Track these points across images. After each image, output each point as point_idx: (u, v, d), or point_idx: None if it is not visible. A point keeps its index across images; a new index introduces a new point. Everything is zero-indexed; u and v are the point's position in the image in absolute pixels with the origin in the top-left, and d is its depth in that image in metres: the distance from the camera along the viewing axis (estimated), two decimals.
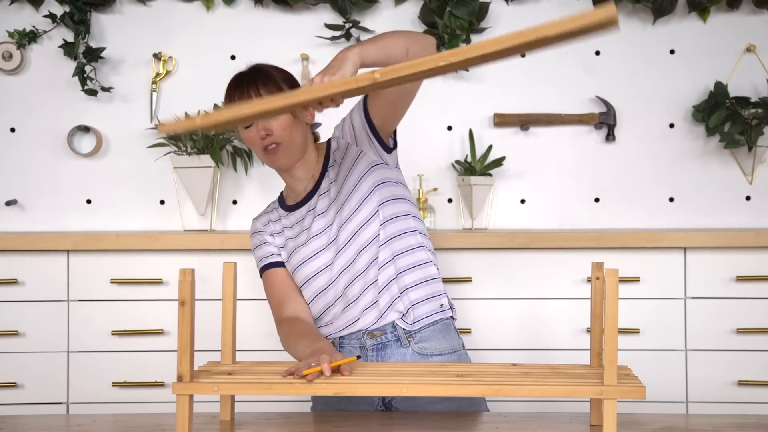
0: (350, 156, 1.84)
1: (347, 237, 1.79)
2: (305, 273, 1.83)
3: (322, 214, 1.84)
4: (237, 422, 1.53)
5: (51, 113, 2.85)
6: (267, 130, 1.77)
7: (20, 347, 2.46)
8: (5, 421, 1.58)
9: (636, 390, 1.33)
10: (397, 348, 1.77)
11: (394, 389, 1.36)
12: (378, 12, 2.83)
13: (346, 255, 1.79)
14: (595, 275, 1.49)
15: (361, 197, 1.80)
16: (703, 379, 2.43)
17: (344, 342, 1.81)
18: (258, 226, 1.93)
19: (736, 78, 2.80)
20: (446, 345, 1.80)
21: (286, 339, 1.79)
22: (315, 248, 1.82)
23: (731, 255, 2.44)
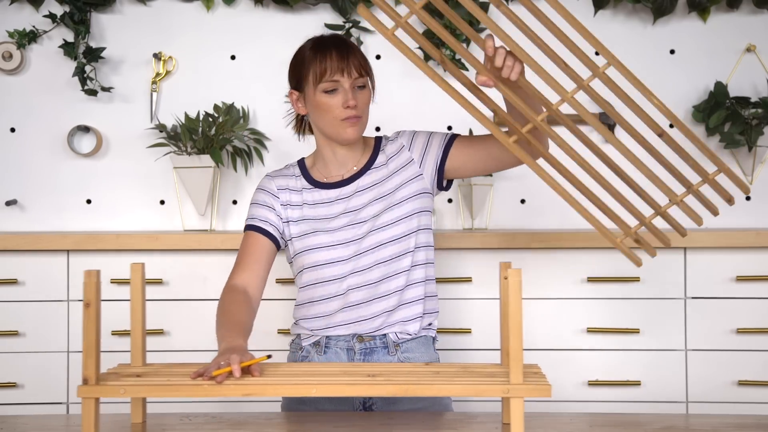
0: (408, 172, 1.85)
1: (372, 245, 1.80)
2: (316, 259, 1.81)
3: (355, 210, 1.82)
4: (237, 422, 1.53)
5: (51, 113, 2.86)
6: (356, 100, 1.79)
7: (20, 347, 2.46)
8: (5, 421, 1.57)
9: (541, 388, 1.33)
10: (384, 355, 1.80)
11: (303, 389, 1.36)
12: (378, 12, 2.83)
13: (363, 260, 1.79)
14: (503, 275, 1.49)
15: (401, 215, 1.81)
16: (703, 379, 2.43)
17: (331, 342, 1.82)
18: (271, 187, 1.90)
19: (736, 78, 2.80)
20: (426, 358, 1.83)
21: (220, 310, 1.77)
22: (337, 239, 1.81)
23: (731, 255, 2.44)
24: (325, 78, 1.78)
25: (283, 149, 2.85)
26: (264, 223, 1.86)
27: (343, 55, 1.79)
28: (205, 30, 2.87)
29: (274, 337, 2.46)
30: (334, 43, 1.82)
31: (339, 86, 1.79)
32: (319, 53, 1.80)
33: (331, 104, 1.79)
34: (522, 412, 1.33)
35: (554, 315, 2.45)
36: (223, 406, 2.43)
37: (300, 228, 1.85)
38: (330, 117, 1.80)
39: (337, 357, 1.81)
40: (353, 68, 1.79)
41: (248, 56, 2.87)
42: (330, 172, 1.89)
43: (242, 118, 2.79)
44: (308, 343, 1.84)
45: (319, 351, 1.83)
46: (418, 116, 2.85)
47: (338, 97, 1.79)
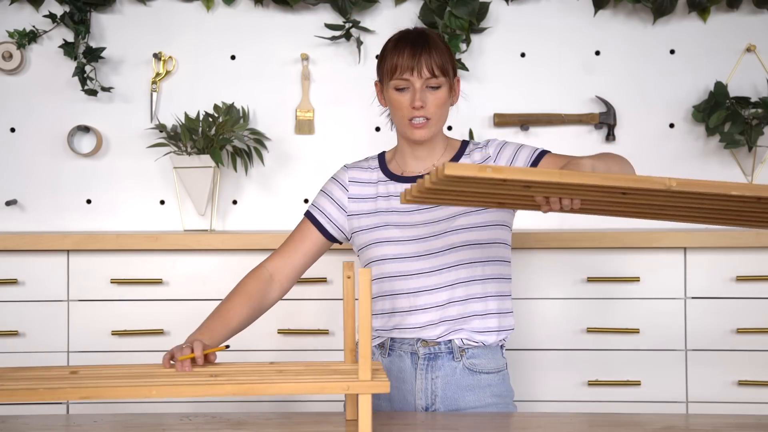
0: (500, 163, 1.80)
1: (445, 246, 1.76)
2: (384, 252, 1.78)
3: (430, 208, 1.79)
4: (237, 422, 1.53)
5: (51, 113, 2.85)
6: (423, 102, 1.74)
7: (20, 347, 2.46)
8: (5, 421, 1.58)
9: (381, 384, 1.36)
10: (449, 361, 1.76)
11: (142, 391, 1.35)
12: (378, 12, 2.83)
13: (434, 261, 1.76)
14: (346, 274, 1.49)
15: (478, 222, 1.77)
16: (703, 379, 2.43)
17: (395, 345, 1.79)
18: (343, 179, 1.88)
19: (736, 78, 2.80)
20: (494, 365, 1.80)
21: (231, 294, 1.79)
22: (408, 235, 1.78)
23: (731, 255, 2.44)
24: (395, 75, 1.75)
25: (283, 149, 2.85)
26: (321, 215, 1.86)
27: (416, 54, 1.73)
28: (205, 30, 2.87)
29: (275, 337, 2.46)
30: (412, 39, 1.76)
31: (409, 85, 1.74)
32: (396, 48, 1.76)
33: (401, 102, 1.76)
34: (369, 408, 1.35)
35: (554, 315, 2.45)
36: (223, 406, 2.43)
37: (371, 220, 1.81)
38: (399, 115, 1.78)
39: (401, 361, 1.78)
40: (425, 68, 1.73)
41: (248, 56, 2.87)
42: (408, 167, 1.85)
43: (242, 118, 2.79)
44: (374, 344, 1.82)
45: (384, 353, 1.80)
46: None
47: (407, 96, 1.75)
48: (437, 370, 1.76)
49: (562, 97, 2.84)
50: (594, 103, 2.85)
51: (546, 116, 2.83)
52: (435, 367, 1.76)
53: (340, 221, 1.86)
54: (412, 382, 1.77)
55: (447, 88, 1.77)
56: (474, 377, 1.77)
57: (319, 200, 1.88)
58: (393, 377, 1.78)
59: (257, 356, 2.44)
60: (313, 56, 2.85)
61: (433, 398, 1.76)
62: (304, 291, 2.46)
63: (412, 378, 1.77)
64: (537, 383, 2.45)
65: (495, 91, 2.85)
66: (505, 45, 2.85)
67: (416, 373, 1.77)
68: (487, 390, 1.78)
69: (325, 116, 2.86)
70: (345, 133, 2.86)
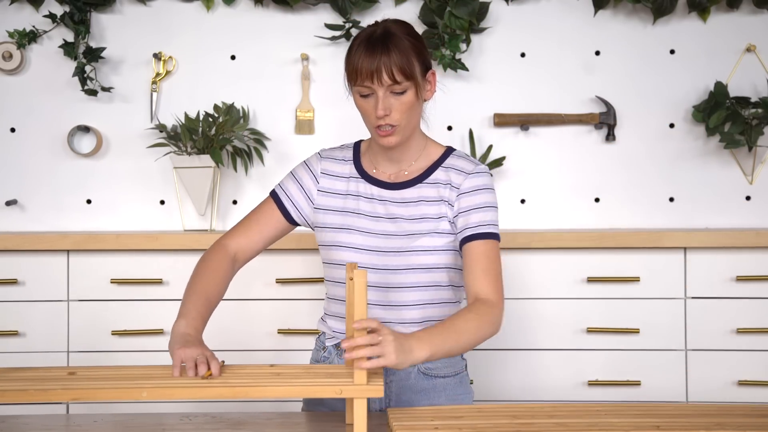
0: (449, 211, 1.73)
1: (402, 265, 1.71)
2: (343, 257, 1.73)
3: (395, 219, 1.73)
4: (237, 422, 1.53)
5: (51, 113, 2.85)
6: (386, 110, 1.65)
7: (20, 347, 2.46)
8: (5, 421, 1.57)
9: (375, 389, 1.36)
10: None
11: (133, 393, 1.35)
12: (378, 12, 2.83)
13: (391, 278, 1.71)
14: (349, 276, 1.48)
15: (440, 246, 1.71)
16: (703, 379, 2.43)
17: None
18: (315, 168, 1.81)
19: (736, 78, 2.80)
20: (451, 369, 1.78)
21: (199, 269, 1.73)
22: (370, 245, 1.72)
23: (731, 255, 2.44)
24: (357, 81, 1.66)
25: (283, 149, 2.85)
26: (288, 199, 1.80)
27: (375, 59, 1.63)
28: (205, 30, 2.86)
29: (275, 338, 2.46)
30: (372, 41, 1.66)
31: (372, 91, 1.66)
32: (357, 52, 1.66)
33: (365, 109, 1.69)
34: (364, 411, 1.35)
35: (554, 315, 2.45)
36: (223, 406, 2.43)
37: (336, 219, 1.76)
38: (366, 121, 1.71)
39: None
40: (384, 74, 1.63)
41: (248, 56, 2.87)
42: (380, 166, 1.78)
43: (242, 118, 2.79)
44: (331, 344, 1.80)
45: (340, 354, 1.77)
46: None
47: (371, 103, 1.67)
48: (391, 374, 1.73)
49: (562, 97, 2.84)
50: (594, 103, 2.85)
51: (546, 116, 2.83)
52: (389, 371, 1.72)
53: (306, 211, 1.80)
54: None
55: (414, 91, 1.67)
56: (429, 381, 1.75)
57: (287, 184, 1.82)
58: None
59: (257, 356, 2.45)
60: (313, 56, 2.85)
61: (387, 401, 1.74)
62: (304, 291, 2.46)
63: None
64: (537, 383, 2.45)
65: (495, 91, 2.85)
66: (505, 45, 2.85)
67: None
68: (442, 394, 1.75)
69: (325, 116, 2.86)
70: (345, 133, 2.85)
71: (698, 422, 1.39)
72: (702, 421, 1.40)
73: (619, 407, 1.53)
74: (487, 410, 1.49)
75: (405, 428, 1.36)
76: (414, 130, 1.74)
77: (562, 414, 1.45)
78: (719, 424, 1.37)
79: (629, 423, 1.39)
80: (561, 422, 1.39)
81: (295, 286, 2.46)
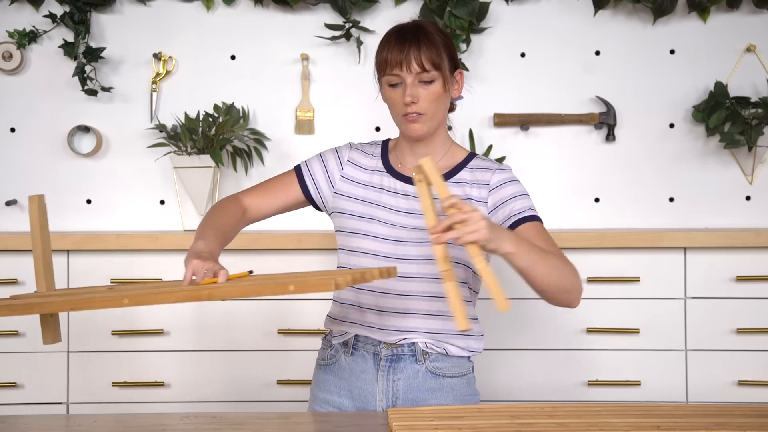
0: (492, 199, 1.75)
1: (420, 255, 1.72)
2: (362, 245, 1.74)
3: (417, 214, 1.74)
4: (237, 422, 1.53)
5: (51, 113, 2.85)
6: (413, 97, 1.68)
7: (20, 347, 2.46)
8: (5, 421, 1.58)
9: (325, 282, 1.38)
10: (411, 363, 1.74)
11: (115, 301, 1.41)
12: (378, 12, 2.83)
13: (408, 268, 1.72)
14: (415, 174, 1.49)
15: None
16: (703, 379, 2.43)
17: (359, 345, 1.77)
18: (343, 156, 1.84)
19: (736, 78, 2.80)
20: (458, 370, 1.78)
21: (212, 210, 1.76)
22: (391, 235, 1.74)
23: (731, 255, 2.44)
24: (386, 71, 1.71)
25: (283, 149, 2.85)
26: (310, 178, 1.83)
27: (405, 48, 1.68)
28: (205, 30, 2.86)
29: (275, 338, 2.46)
30: (403, 32, 1.72)
31: (401, 80, 1.70)
32: (387, 43, 1.72)
33: (394, 98, 1.72)
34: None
35: (555, 315, 2.45)
36: (223, 406, 2.43)
37: (358, 208, 1.78)
38: (394, 111, 1.74)
39: (364, 360, 1.75)
40: (413, 62, 1.68)
41: (248, 56, 2.87)
42: (406, 162, 1.80)
43: (242, 118, 2.79)
44: (339, 341, 1.80)
45: (347, 351, 1.78)
46: None
47: (400, 92, 1.71)
48: (399, 372, 1.73)
49: (562, 97, 2.84)
50: (594, 103, 2.85)
51: (546, 116, 2.83)
52: (397, 369, 1.73)
53: (325, 192, 1.82)
54: (373, 383, 1.74)
55: (441, 82, 1.71)
56: (437, 380, 1.75)
57: (312, 163, 1.85)
58: (355, 377, 1.76)
59: (257, 356, 2.45)
60: (313, 56, 2.85)
61: (394, 400, 1.74)
62: None
63: (373, 379, 1.74)
64: (537, 383, 2.45)
65: (495, 91, 2.85)
66: (505, 45, 2.85)
67: (377, 374, 1.74)
68: (450, 394, 1.75)
69: (325, 116, 2.86)
70: (345, 133, 2.86)
71: (698, 422, 1.39)
72: (702, 421, 1.40)
73: (619, 407, 1.53)
74: (487, 410, 1.49)
75: (405, 428, 1.36)
76: (440, 123, 1.78)
77: (562, 414, 1.45)
78: (719, 424, 1.37)
79: (629, 423, 1.39)
80: (561, 422, 1.39)
81: None
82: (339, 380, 1.78)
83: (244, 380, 2.45)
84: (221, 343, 2.46)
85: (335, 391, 1.78)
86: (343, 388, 1.77)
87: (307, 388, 2.46)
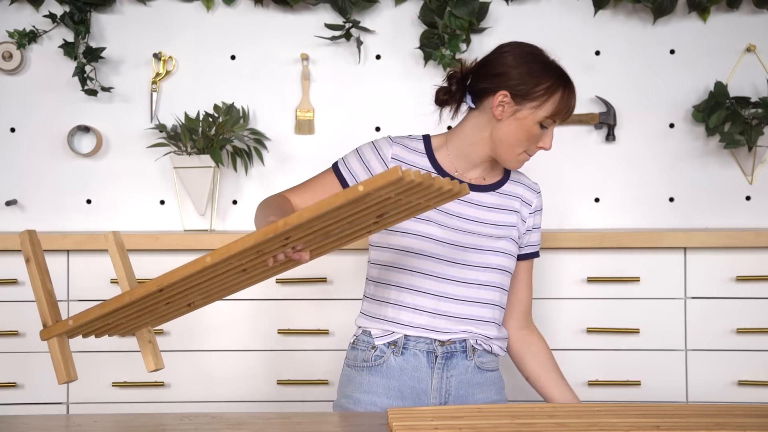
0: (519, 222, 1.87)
1: (478, 263, 1.79)
2: (415, 245, 1.76)
3: (471, 221, 1.80)
4: (237, 422, 1.53)
5: (51, 113, 2.85)
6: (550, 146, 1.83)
7: (20, 347, 2.46)
8: (5, 421, 1.58)
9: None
10: (463, 359, 1.78)
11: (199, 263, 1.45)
12: (378, 12, 2.83)
13: (465, 273, 1.78)
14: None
15: (509, 250, 1.83)
16: (703, 379, 2.43)
17: (409, 344, 1.77)
18: (385, 152, 1.82)
19: (736, 78, 2.80)
20: (494, 363, 1.85)
21: (265, 201, 1.76)
22: (448, 238, 1.77)
23: (731, 255, 2.44)
24: (551, 115, 1.76)
25: (283, 149, 2.85)
26: (348, 174, 1.82)
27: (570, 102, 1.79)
28: (205, 30, 2.87)
29: (275, 338, 2.46)
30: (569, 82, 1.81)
31: (550, 125, 1.79)
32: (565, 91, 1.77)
33: (534, 135, 1.77)
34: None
35: (554, 315, 2.45)
36: (223, 406, 2.43)
37: None
38: (517, 142, 1.77)
39: (416, 359, 1.77)
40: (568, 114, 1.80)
41: (248, 56, 2.87)
42: (459, 163, 1.84)
43: (242, 118, 2.79)
44: (383, 342, 1.78)
45: (396, 351, 1.77)
46: (418, 116, 2.85)
47: (544, 134, 1.79)
48: (452, 369, 1.77)
49: None
50: (594, 103, 2.85)
51: None
52: (450, 366, 1.77)
53: None
54: (428, 380, 1.77)
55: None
56: (482, 375, 1.81)
57: (350, 160, 1.83)
58: (407, 376, 1.76)
59: (256, 356, 2.45)
60: (313, 56, 2.85)
61: (446, 396, 1.77)
62: (304, 291, 2.46)
63: (427, 377, 1.77)
64: None
65: None
66: None
67: (432, 372, 1.77)
68: (492, 387, 1.83)
69: (325, 116, 2.86)
70: (345, 133, 2.86)
71: (698, 422, 1.39)
72: (702, 421, 1.40)
73: (619, 407, 1.53)
74: (487, 410, 1.49)
75: (405, 428, 1.36)
76: None
77: (562, 414, 1.45)
78: (719, 424, 1.37)
79: (629, 423, 1.39)
80: (561, 422, 1.39)
81: (295, 286, 2.46)
82: (387, 381, 1.77)
83: (244, 380, 2.45)
84: (221, 343, 2.46)
85: (383, 392, 1.77)
86: (392, 388, 1.77)
87: (307, 388, 2.46)
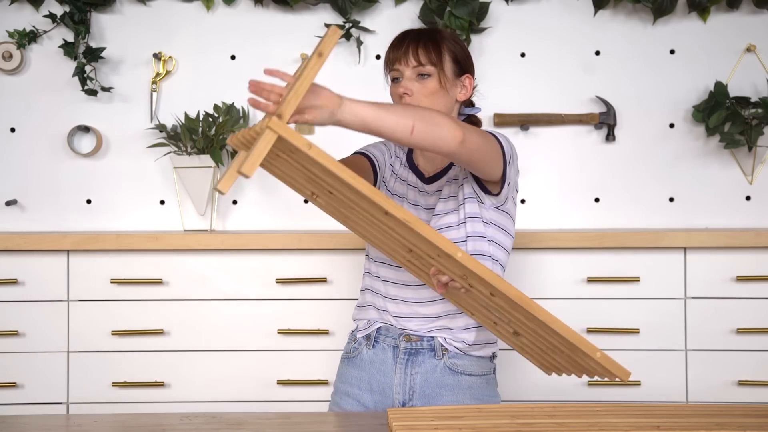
0: (460, 176, 1.81)
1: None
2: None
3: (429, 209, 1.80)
4: (237, 422, 1.53)
5: (51, 113, 2.85)
6: (407, 89, 1.73)
7: (20, 347, 2.46)
8: (5, 421, 1.58)
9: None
10: (429, 358, 1.77)
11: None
12: (378, 12, 2.83)
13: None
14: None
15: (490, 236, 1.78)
16: (703, 379, 2.43)
17: (380, 338, 1.80)
18: (392, 147, 1.91)
19: (736, 78, 2.80)
20: (478, 368, 1.79)
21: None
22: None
23: (731, 255, 2.44)
24: (389, 67, 1.78)
25: None
26: (371, 154, 1.86)
27: (403, 44, 1.74)
28: (205, 30, 2.86)
29: (275, 338, 2.46)
30: (406, 32, 1.79)
31: (400, 74, 1.75)
32: (391, 43, 1.79)
33: (393, 92, 1.78)
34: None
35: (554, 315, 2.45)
36: (223, 406, 2.43)
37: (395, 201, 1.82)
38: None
39: (384, 353, 1.80)
40: (411, 56, 1.73)
41: (248, 56, 2.87)
42: (419, 161, 1.88)
43: (242, 118, 2.79)
44: (362, 335, 1.84)
45: (369, 344, 1.82)
46: None
47: (400, 86, 1.76)
48: (417, 366, 1.77)
49: (562, 97, 2.84)
50: (594, 103, 2.85)
51: (546, 116, 2.83)
52: (415, 363, 1.77)
53: (385, 174, 1.87)
54: (392, 375, 1.78)
55: (437, 79, 1.73)
56: (454, 377, 1.76)
57: (371, 148, 1.89)
58: (375, 370, 1.80)
59: (256, 356, 2.45)
60: None
61: (410, 394, 1.76)
62: (304, 291, 2.46)
63: (391, 371, 1.78)
64: (537, 383, 2.45)
65: (495, 91, 2.85)
66: (505, 45, 2.85)
67: (396, 366, 1.77)
68: (467, 392, 1.77)
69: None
70: (345, 133, 2.85)
71: (698, 422, 1.39)
72: (702, 421, 1.40)
73: (619, 407, 1.53)
74: (487, 410, 1.49)
75: (405, 428, 1.36)
76: None
77: (562, 414, 1.45)
78: (719, 424, 1.37)
79: (629, 423, 1.39)
80: (561, 422, 1.39)
81: (295, 286, 2.46)
82: (360, 373, 1.82)
83: (244, 380, 2.45)
84: (221, 343, 2.46)
85: (356, 384, 1.82)
86: (363, 380, 1.81)
87: (307, 388, 2.47)
